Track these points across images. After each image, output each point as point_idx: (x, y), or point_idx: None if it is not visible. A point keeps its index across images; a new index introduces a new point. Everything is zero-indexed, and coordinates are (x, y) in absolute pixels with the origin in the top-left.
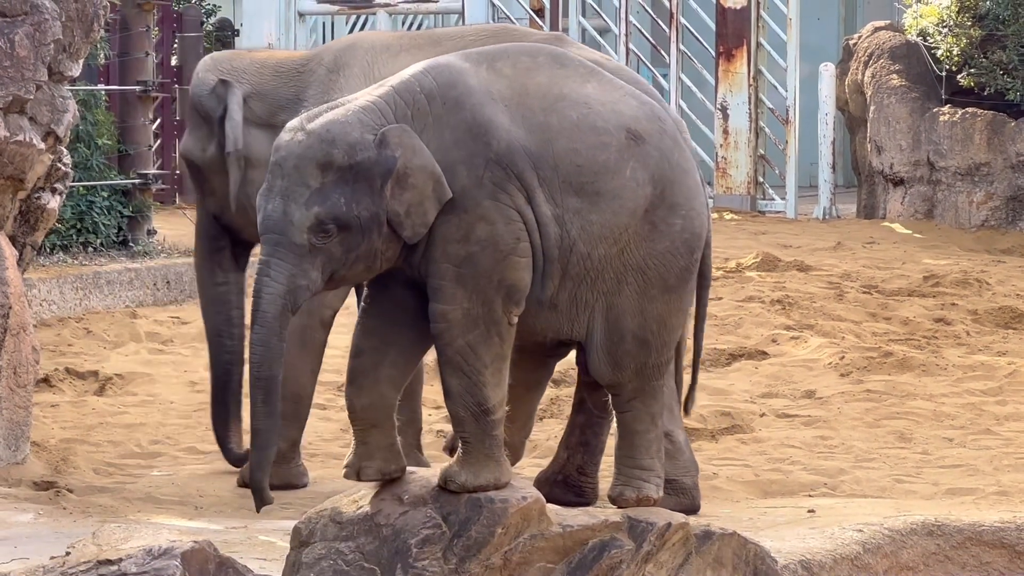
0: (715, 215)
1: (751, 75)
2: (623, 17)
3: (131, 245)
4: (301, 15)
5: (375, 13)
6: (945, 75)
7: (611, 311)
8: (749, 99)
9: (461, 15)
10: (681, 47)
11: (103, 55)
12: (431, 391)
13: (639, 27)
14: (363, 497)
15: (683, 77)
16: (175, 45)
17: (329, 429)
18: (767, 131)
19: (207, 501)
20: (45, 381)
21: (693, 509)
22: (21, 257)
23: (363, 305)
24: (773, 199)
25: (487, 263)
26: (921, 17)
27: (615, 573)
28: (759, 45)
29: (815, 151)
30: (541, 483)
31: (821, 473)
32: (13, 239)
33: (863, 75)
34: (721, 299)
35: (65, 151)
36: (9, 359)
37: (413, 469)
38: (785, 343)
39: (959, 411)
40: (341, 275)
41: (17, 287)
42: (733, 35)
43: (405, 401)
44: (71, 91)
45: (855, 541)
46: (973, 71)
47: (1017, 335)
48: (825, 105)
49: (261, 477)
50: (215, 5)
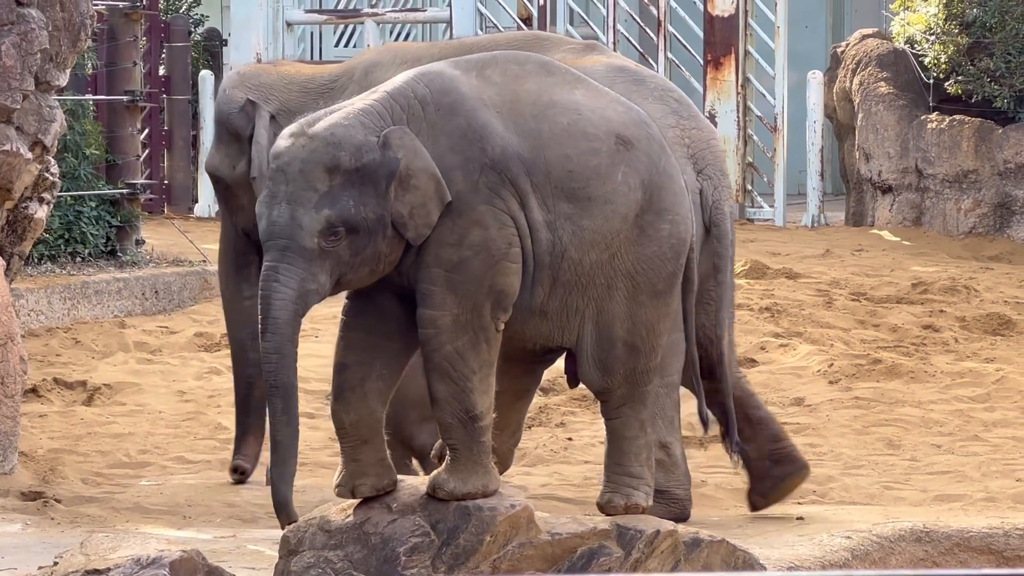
0: None
1: (739, 83)
2: (611, 25)
3: (119, 255)
4: (289, 25)
5: (363, 23)
6: (933, 82)
7: (601, 317)
8: (737, 107)
9: (449, 24)
10: (669, 55)
11: (91, 65)
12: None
13: (627, 35)
14: (351, 506)
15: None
16: (163, 55)
17: (317, 438)
18: (755, 139)
19: (195, 511)
20: (33, 391)
21: (682, 518)
22: (9, 267)
23: (344, 319)
24: (761, 207)
25: (479, 268)
26: (908, 25)
27: None
28: (747, 53)
29: (803, 159)
30: (757, 489)
31: (810, 480)
32: (1, 249)
33: (851, 83)
34: None
35: (53, 161)
36: None
37: (402, 478)
38: (774, 351)
39: (947, 418)
40: (348, 279)
41: (4, 297)
42: (721, 43)
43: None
44: (58, 101)
45: (844, 548)
46: (960, 78)
47: (1005, 342)
48: (813, 113)
49: (286, 492)
50: (203, 15)
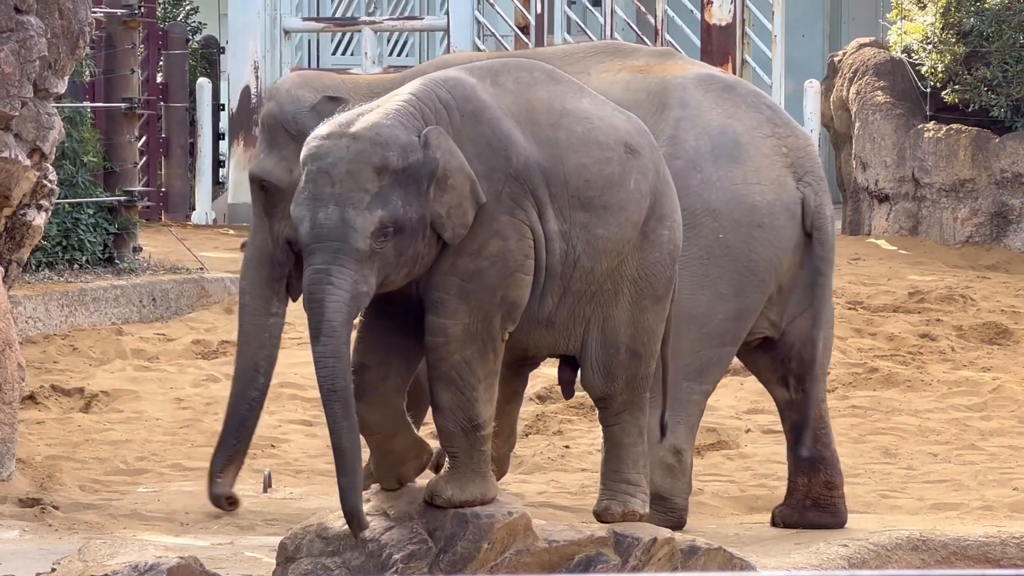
0: None
1: None
2: (608, 34)
3: (117, 262)
4: (287, 32)
5: (360, 30)
6: (930, 92)
7: (607, 323)
8: None
9: (446, 32)
10: None
11: (89, 72)
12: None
13: None
14: None
15: None
16: (161, 62)
17: (315, 445)
18: None
19: (193, 517)
20: (31, 398)
21: (678, 527)
22: (7, 274)
23: (362, 322)
24: None
25: (494, 279)
26: (906, 34)
27: None
28: (744, 62)
29: None
30: (787, 514)
31: None
32: None
33: (848, 92)
34: None
35: (51, 168)
36: None
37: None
38: None
39: (944, 426)
40: (390, 280)
41: (2, 304)
42: (718, 52)
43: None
44: (56, 108)
45: (841, 556)
46: (957, 88)
47: (1002, 351)
48: (810, 122)
49: (356, 501)
50: (201, 23)
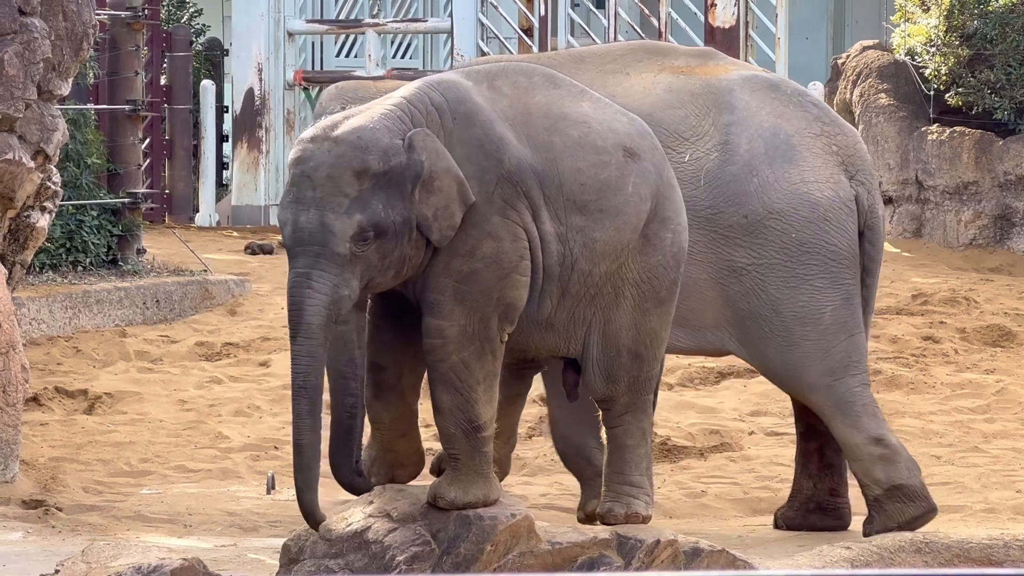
0: None
1: None
2: (612, 36)
3: (120, 264)
4: (290, 35)
5: (364, 32)
6: (933, 94)
7: (608, 327)
8: None
9: (450, 34)
10: None
11: (92, 74)
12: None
13: None
14: (352, 514)
15: None
16: (164, 64)
17: None
18: None
19: (196, 519)
20: (34, 400)
21: (933, 510)
22: (10, 276)
23: (372, 322)
24: None
25: (489, 280)
26: (909, 36)
27: None
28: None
29: None
30: (790, 516)
31: None
32: (2, 258)
33: (851, 94)
34: None
35: (54, 170)
36: None
37: (402, 487)
38: None
39: (947, 429)
40: (376, 282)
41: (6, 306)
42: None
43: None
44: (60, 110)
45: (844, 558)
46: (961, 90)
47: (1005, 353)
48: None
49: (310, 499)
50: (204, 25)
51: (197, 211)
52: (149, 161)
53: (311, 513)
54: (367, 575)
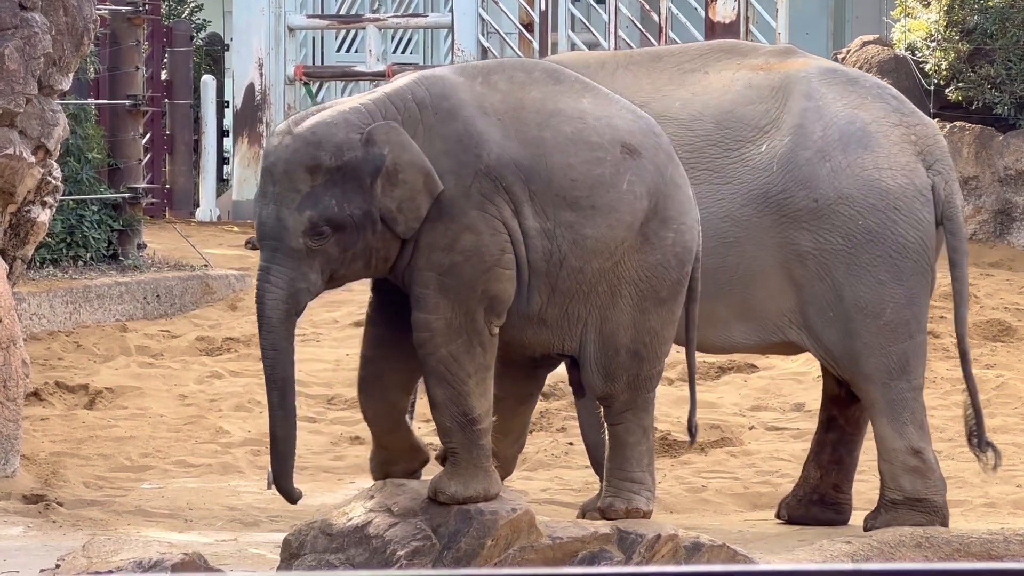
0: None
1: None
2: (612, 31)
3: (121, 259)
4: (291, 30)
5: (364, 28)
6: (933, 89)
7: (605, 324)
8: None
9: (451, 30)
10: None
11: (93, 69)
12: (421, 404)
13: (628, 41)
14: (353, 509)
15: None
16: (165, 60)
17: (319, 442)
18: None
19: (197, 514)
20: (35, 395)
21: (944, 526)
22: (11, 271)
23: (368, 314)
24: None
25: (471, 273)
26: (909, 31)
27: None
28: None
29: None
30: (792, 506)
31: None
32: (3, 252)
33: None
34: None
35: (55, 165)
36: None
37: (402, 481)
38: (774, 356)
39: (947, 423)
40: (341, 274)
41: (7, 300)
42: None
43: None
44: (61, 105)
45: (844, 553)
46: (961, 85)
47: (1005, 348)
48: None
49: (288, 486)
50: (205, 20)
51: (198, 206)
52: (150, 156)
53: (289, 495)
54: (368, 570)
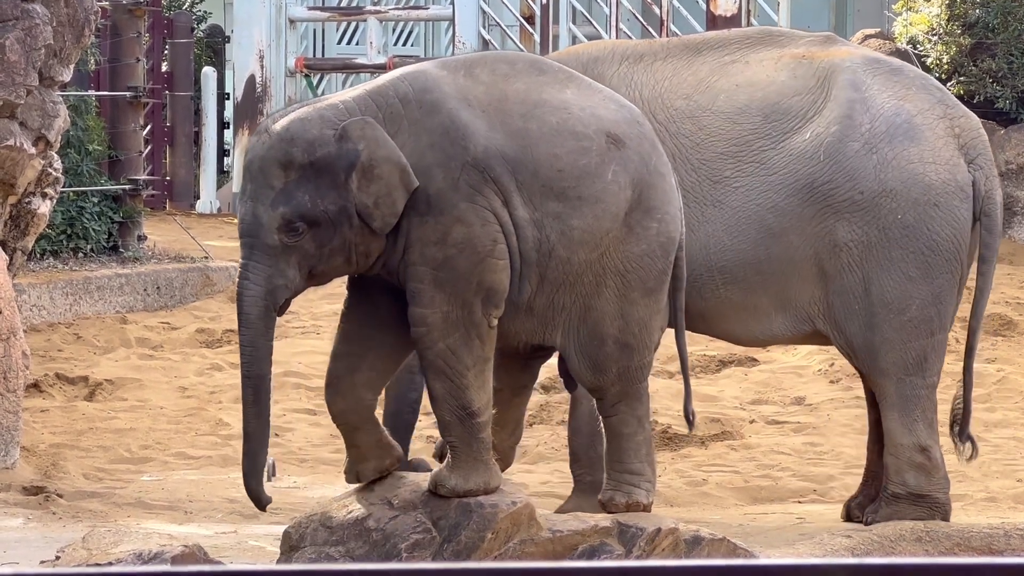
0: None
1: None
2: (613, 24)
3: (121, 251)
4: (292, 22)
5: (365, 20)
6: None
7: (589, 314)
8: None
9: (451, 22)
10: None
11: (94, 60)
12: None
13: (629, 34)
14: (353, 502)
15: None
16: (166, 51)
17: (318, 435)
18: None
19: (197, 506)
20: (35, 386)
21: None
22: (11, 262)
23: (343, 310)
24: None
25: (465, 266)
26: (911, 25)
27: None
28: None
29: None
30: (865, 505)
31: (811, 479)
32: (3, 244)
33: None
34: None
35: (56, 156)
36: None
37: (403, 474)
38: (775, 349)
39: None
40: (320, 270)
41: (7, 292)
42: None
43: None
44: (62, 96)
45: (845, 547)
46: (963, 79)
47: (1006, 342)
48: None
49: (254, 484)
50: (206, 12)
51: (198, 198)
52: (150, 148)
53: (256, 498)
54: (368, 562)
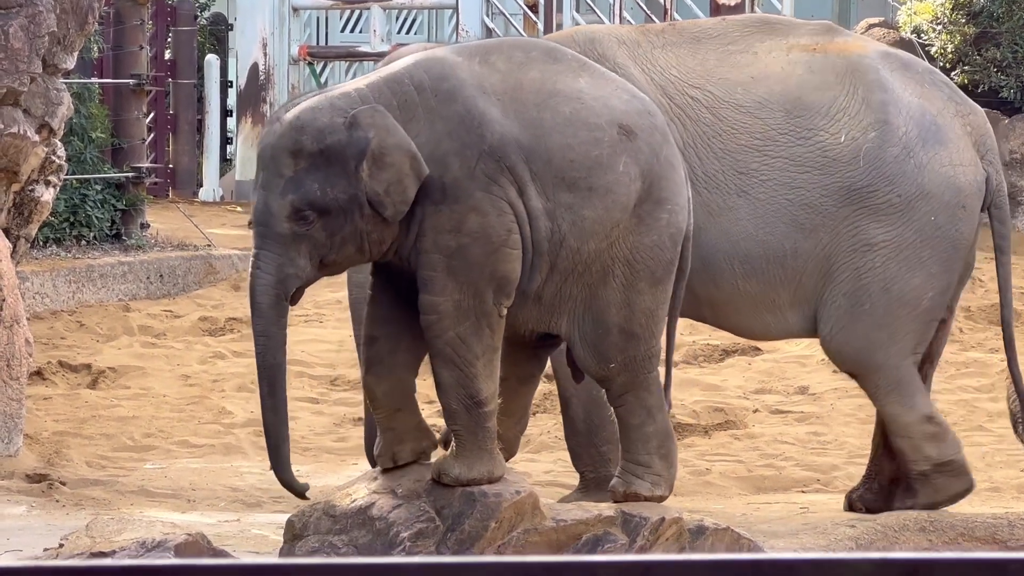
0: None
1: None
2: (617, 13)
3: (124, 239)
4: (295, 10)
5: (369, 8)
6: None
7: (595, 303)
8: None
9: (455, 10)
10: None
11: (97, 48)
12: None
13: (632, 23)
14: (357, 490)
15: None
16: (169, 39)
17: (322, 423)
18: None
19: (200, 494)
20: (38, 374)
21: (972, 486)
22: (14, 250)
23: (370, 296)
24: None
25: (478, 254)
26: (915, 14)
27: None
28: None
29: None
30: (868, 499)
31: (814, 469)
32: (7, 231)
33: None
34: None
35: (59, 144)
36: (2, 351)
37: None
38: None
39: (952, 407)
40: (332, 259)
41: (11, 279)
42: None
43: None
44: (65, 84)
45: (848, 537)
46: (967, 68)
47: None
48: None
49: (284, 473)
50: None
51: (201, 186)
52: (153, 136)
53: (292, 488)
54: (371, 552)
